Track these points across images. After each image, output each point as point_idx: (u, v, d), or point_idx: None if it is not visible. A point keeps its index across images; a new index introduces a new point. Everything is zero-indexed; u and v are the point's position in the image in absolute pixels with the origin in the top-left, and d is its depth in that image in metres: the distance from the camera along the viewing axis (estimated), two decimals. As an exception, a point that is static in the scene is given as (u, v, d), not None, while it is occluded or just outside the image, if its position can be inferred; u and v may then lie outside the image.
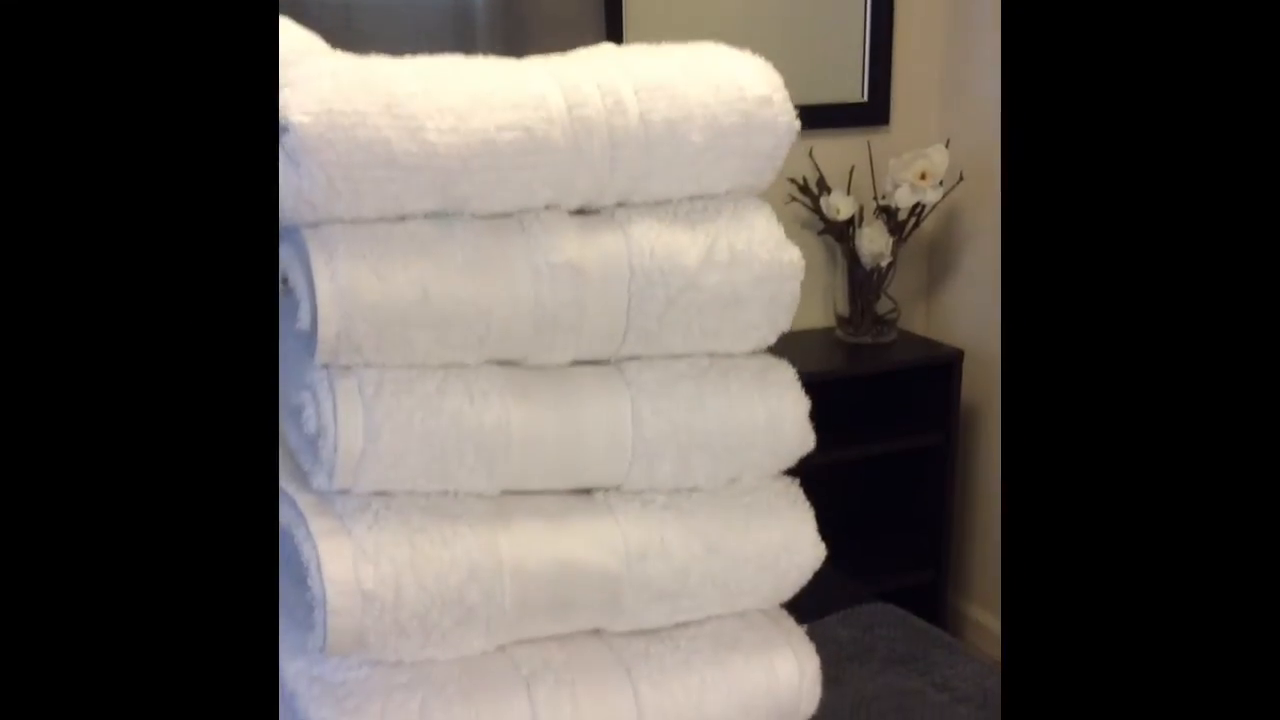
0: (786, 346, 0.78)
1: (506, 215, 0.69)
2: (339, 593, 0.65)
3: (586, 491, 0.74)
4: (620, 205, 0.72)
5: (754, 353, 0.77)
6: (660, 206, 0.72)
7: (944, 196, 2.15)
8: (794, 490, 0.78)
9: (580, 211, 0.71)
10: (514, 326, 0.68)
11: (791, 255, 0.74)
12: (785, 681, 0.76)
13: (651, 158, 0.70)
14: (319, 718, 0.66)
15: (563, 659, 0.73)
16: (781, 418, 0.75)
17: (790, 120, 0.73)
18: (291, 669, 0.69)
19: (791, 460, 0.78)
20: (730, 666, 0.75)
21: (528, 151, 0.66)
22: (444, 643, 0.69)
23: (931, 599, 2.22)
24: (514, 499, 0.72)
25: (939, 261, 2.37)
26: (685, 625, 0.77)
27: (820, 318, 2.30)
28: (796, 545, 0.77)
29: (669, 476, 0.74)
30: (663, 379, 0.73)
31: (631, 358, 0.74)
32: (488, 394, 0.68)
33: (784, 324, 0.76)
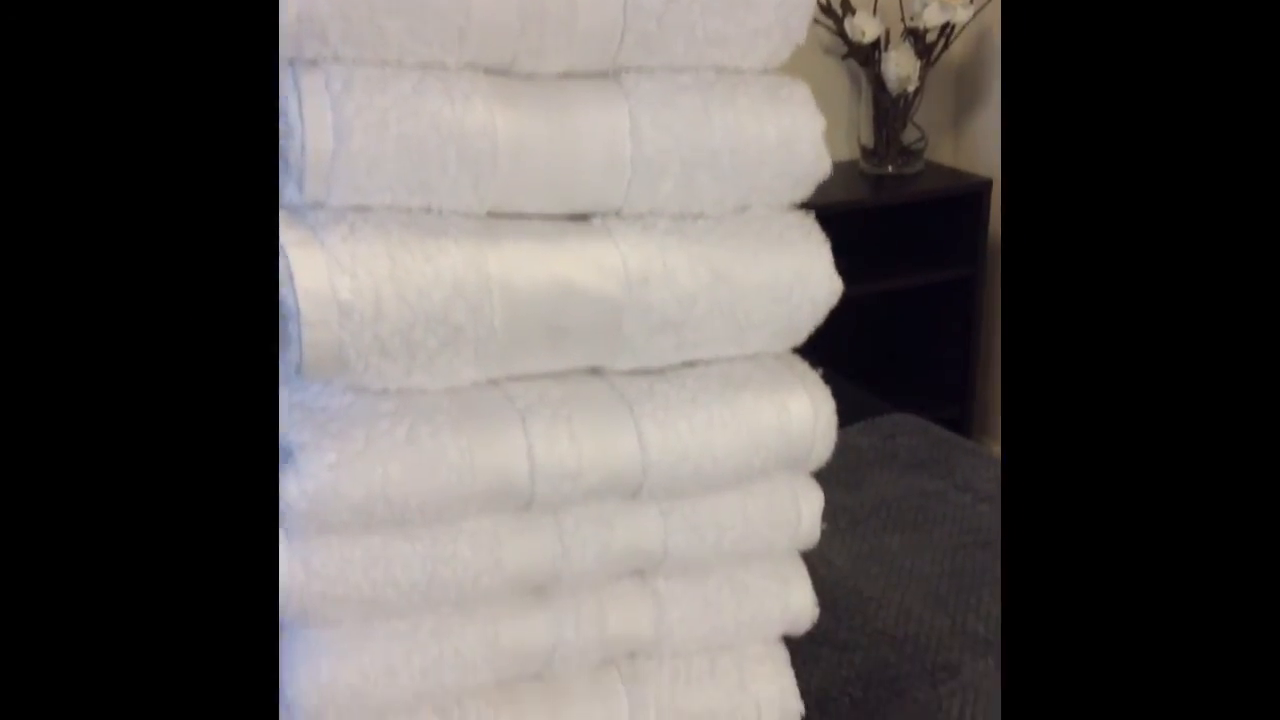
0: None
1: (485, -104, 0.62)
2: (313, 304, 0.60)
3: (582, 217, 0.68)
4: (613, -109, 0.65)
5: (765, 71, 0.70)
6: (657, -108, 0.65)
7: (974, 16, 2.03)
8: (808, 223, 0.73)
9: (569, -101, 0.64)
10: (497, 19, 0.62)
11: (805, -55, 0.67)
12: (798, 421, 0.72)
13: None
14: (300, 441, 0.62)
15: (560, 394, 0.68)
16: (795, 137, 0.69)
17: None
18: (270, 398, 0.65)
19: (805, 187, 0.71)
20: (740, 405, 0.71)
21: None
22: (431, 367, 0.64)
23: (956, 435, 2.18)
24: (503, 221, 0.66)
25: (968, 86, 2.27)
26: (692, 365, 0.72)
27: (843, 149, 2.22)
28: (810, 276, 0.71)
29: (672, 198, 0.68)
30: (664, 90, 0.67)
31: (630, 68, 0.67)
32: (470, 96, 0.62)
33: (798, 33, 0.69)
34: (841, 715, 0.97)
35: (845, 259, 0.73)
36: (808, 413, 0.72)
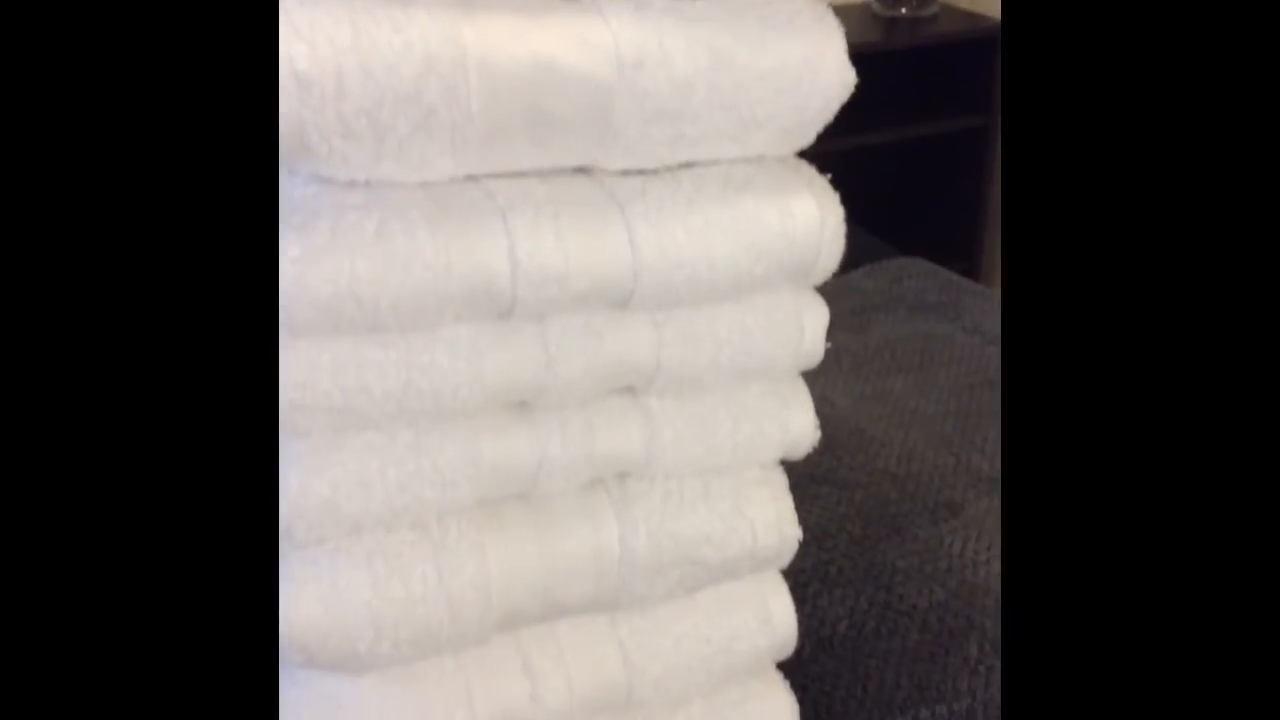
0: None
1: None
2: (268, 75, 0.54)
3: (570, -6, 0.62)
4: None
5: None
6: None
7: None
8: (820, 8, 0.66)
9: None
10: None
11: None
12: (803, 227, 0.66)
13: None
14: (258, 232, 0.57)
15: (545, 192, 0.63)
16: (807, -97, 0.62)
17: None
18: (227, 188, 0.59)
19: (819, -37, 0.64)
20: (740, 207, 0.65)
21: None
22: (401, 154, 0.58)
23: (962, 292, 2.13)
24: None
25: (991, -78, 2.14)
26: (689, 166, 0.66)
27: (856, -11, 2.10)
28: (820, 67, 0.64)
29: (669, -28, 0.61)
30: None
31: None
32: None
33: None
34: (839, 551, 0.94)
35: (855, 104, 0.67)
36: (814, 217, 0.67)
